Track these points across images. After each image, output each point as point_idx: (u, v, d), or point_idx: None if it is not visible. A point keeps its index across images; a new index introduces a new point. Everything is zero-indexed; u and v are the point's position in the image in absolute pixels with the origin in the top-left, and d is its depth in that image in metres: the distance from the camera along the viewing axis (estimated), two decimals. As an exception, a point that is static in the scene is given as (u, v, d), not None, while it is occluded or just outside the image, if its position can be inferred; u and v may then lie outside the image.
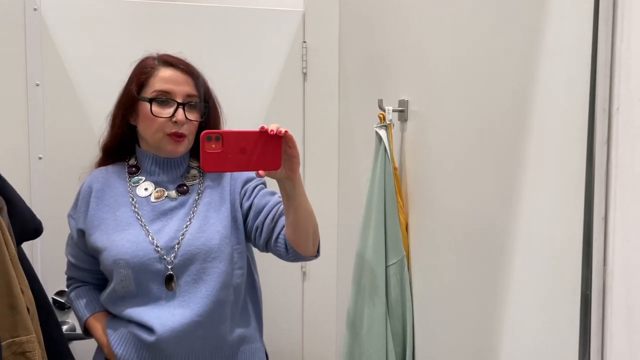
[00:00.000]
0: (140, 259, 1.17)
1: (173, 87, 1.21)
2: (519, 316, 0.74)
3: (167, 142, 1.21)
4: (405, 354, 1.10)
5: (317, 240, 1.20)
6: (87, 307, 1.30)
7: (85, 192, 1.28)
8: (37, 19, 1.57)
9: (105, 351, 1.24)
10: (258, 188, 1.26)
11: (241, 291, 1.26)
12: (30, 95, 1.58)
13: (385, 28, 1.33)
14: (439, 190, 1.02)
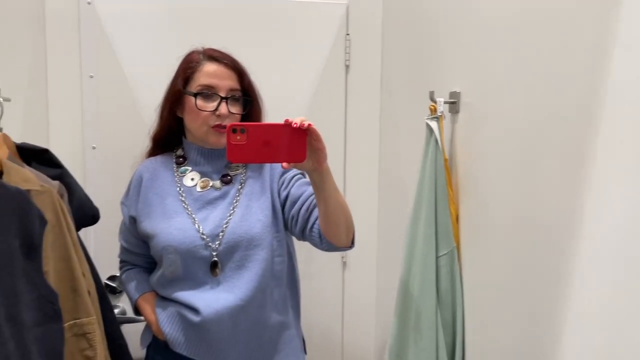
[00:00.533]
0: (187, 246, 1.23)
1: (217, 82, 1.26)
2: (585, 310, 0.75)
3: (211, 134, 1.26)
4: (455, 344, 1.12)
5: (351, 232, 1.23)
6: (137, 288, 1.37)
7: (137, 181, 1.35)
8: (91, 12, 1.62)
9: (153, 329, 1.31)
10: (295, 178, 1.30)
11: (281, 278, 1.30)
12: (85, 87, 1.64)
13: (434, 19, 1.34)
14: (491, 182, 1.03)
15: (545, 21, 0.84)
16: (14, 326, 1.01)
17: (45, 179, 1.22)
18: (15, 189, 1.03)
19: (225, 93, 1.26)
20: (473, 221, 1.10)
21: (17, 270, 1.02)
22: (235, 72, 1.28)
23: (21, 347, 1.01)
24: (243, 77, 1.29)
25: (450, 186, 1.15)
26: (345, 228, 1.19)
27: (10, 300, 1.00)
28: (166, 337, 1.27)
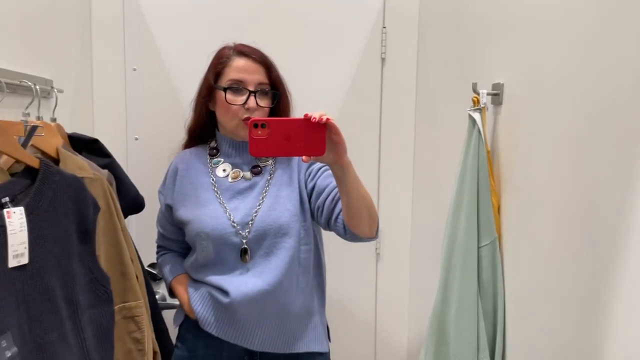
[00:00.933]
0: (218, 233, 1.28)
1: (246, 76, 1.30)
2: (635, 311, 0.75)
3: (241, 127, 1.31)
4: (496, 333, 1.13)
5: (375, 222, 1.26)
6: (172, 270, 1.43)
7: (172, 171, 1.41)
8: (135, 8, 1.67)
9: (185, 308, 1.37)
10: (322, 170, 1.33)
11: (308, 266, 1.34)
12: (128, 80, 1.69)
13: (475, 10, 1.34)
14: (535, 174, 1.03)
15: (596, 10, 0.84)
16: (71, 307, 1.05)
17: (96, 167, 1.27)
18: (72, 176, 1.07)
19: (253, 87, 1.30)
20: (515, 212, 1.11)
21: (73, 255, 1.06)
22: (263, 66, 1.32)
23: (77, 327, 1.06)
24: (271, 71, 1.33)
25: (492, 177, 1.16)
26: (368, 219, 1.22)
27: (67, 283, 1.05)
28: (197, 316, 1.33)
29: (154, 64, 1.69)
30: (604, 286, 0.81)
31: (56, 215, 1.02)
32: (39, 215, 0.98)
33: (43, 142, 1.09)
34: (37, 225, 0.98)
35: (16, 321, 0.92)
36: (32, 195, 0.98)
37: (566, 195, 0.93)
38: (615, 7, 0.79)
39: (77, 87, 1.58)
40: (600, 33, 0.83)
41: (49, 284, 0.99)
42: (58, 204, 1.03)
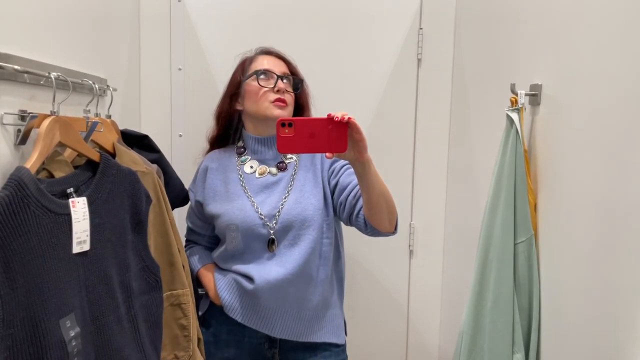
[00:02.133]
0: (247, 224, 1.37)
1: (272, 66, 1.42)
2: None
3: (273, 108, 1.40)
4: (531, 327, 1.16)
5: (394, 218, 1.32)
6: (199, 260, 1.51)
7: (202, 170, 1.50)
8: (181, 9, 1.74)
9: (211, 294, 1.45)
10: (345, 168, 1.41)
11: (328, 259, 1.41)
12: (174, 79, 1.76)
13: (512, 11, 1.36)
14: (572, 172, 1.05)
15: (636, 11, 0.86)
16: (125, 292, 1.12)
17: (147, 162, 1.33)
18: (127, 170, 1.14)
19: (280, 73, 1.42)
20: (552, 211, 1.13)
21: (128, 243, 1.13)
22: (284, 61, 1.46)
23: (130, 312, 1.13)
24: (290, 65, 1.47)
25: (529, 176, 1.19)
26: (388, 214, 1.29)
27: (122, 270, 1.12)
28: (223, 302, 1.40)
29: (198, 64, 1.76)
30: (638, 285, 0.83)
31: (114, 206, 1.09)
32: (99, 206, 1.05)
33: (101, 137, 1.16)
34: (97, 214, 1.05)
35: (79, 303, 0.99)
36: (93, 187, 1.05)
37: (600, 195, 0.95)
38: (656, 11, 0.81)
39: (127, 85, 1.65)
40: (636, 36, 0.85)
41: (107, 270, 1.06)
42: (115, 195, 1.10)
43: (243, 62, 1.48)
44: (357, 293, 1.89)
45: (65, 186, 0.99)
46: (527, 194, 1.16)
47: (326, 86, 1.78)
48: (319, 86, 1.54)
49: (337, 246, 1.46)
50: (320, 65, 1.79)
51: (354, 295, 1.89)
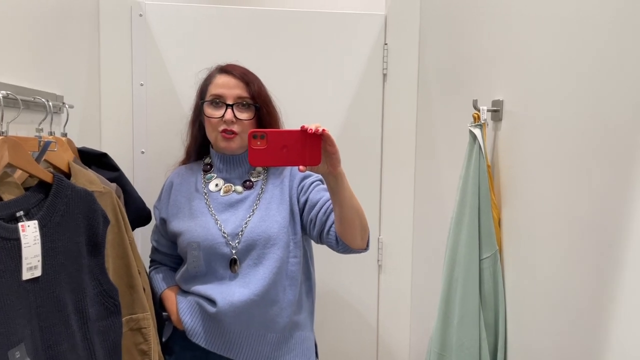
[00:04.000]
0: (209, 242, 1.32)
1: (225, 91, 1.36)
2: (633, 314, 0.78)
3: (220, 139, 1.36)
4: (497, 344, 1.15)
5: (366, 234, 1.29)
6: (163, 281, 1.45)
7: (168, 186, 1.46)
8: (143, 24, 1.71)
9: (173, 319, 1.39)
10: (314, 184, 1.38)
11: (296, 278, 1.36)
12: (135, 95, 1.72)
13: (474, 28, 1.38)
14: (534, 187, 1.06)
15: (594, 29, 0.88)
16: (81, 319, 1.07)
17: (105, 181, 1.29)
18: (83, 190, 1.10)
19: (232, 101, 1.35)
20: (515, 225, 1.14)
21: (83, 267, 1.09)
22: (242, 81, 1.37)
23: (86, 339, 1.08)
24: (250, 85, 1.37)
25: (493, 191, 1.19)
26: (360, 230, 1.26)
27: (78, 295, 1.07)
28: (185, 326, 1.34)
29: (161, 79, 1.73)
30: (602, 297, 0.84)
31: (68, 229, 1.05)
32: (51, 229, 1.01)
33: (55, 156, 1.12)
34: (50, 238, 1.00)
35: (29, 332, 0.94)
36: (45, 209, 1.00)
37: (563, 208, 0.96)
38: (611, 29, 0.83)
39: (86, 102, 1.61)
40: (597, 53, 0.86)
41: (61, 296, 1.01)
42: (70, 217, 1.06)
43: (203, 82, 1.43)
44: (326, 309, 1.87)
45: (14, 209, 0.95)
46: (491, 210, 1.17)
47: (293, 102, 1.75)
48: (286, 102, 1.52)
49: (306, 265, 1.42)
50: (286, 81, 1.78)
51: (323, 312, 1.87)
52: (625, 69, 0.78)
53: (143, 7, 1.71)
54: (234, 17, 1.77)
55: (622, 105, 0.79)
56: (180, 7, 1.74)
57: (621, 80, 0.80)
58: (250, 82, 1.37)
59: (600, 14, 0.85)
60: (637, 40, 0.76)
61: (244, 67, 1.41)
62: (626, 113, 0.78)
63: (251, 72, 1.40)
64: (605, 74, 0.84)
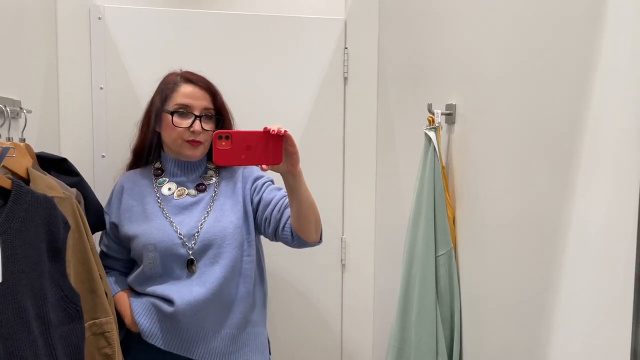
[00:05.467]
0: (166, 244, 1.35)
1: (192, 102, 1.38)
2: (572, 304, 0.84)
3: (186, 147, 1.39)
4: (453, 337, 1.21)
5: (319, 228, 1.37)
6: (115, 284, 1.45)
7: (118, 190, 1.46)
8: (101, 27, 1.69)
9: (126, 322, 1.38)
10: (266, 184, 1.43)
11: (250, 277, 1.41)
12: (95, 98, 1.70)
13: (429, 35, 1.43)
14: (485, 187, 1.12)
15: (534, 38, 0.93)
16: (42, 325, 1.07)
17: (65, 186, 1.28)
18: (43, 196, 1.09)
19: (199, 112, 1.39)
20: (469, 223, 1.19)
21: (44, 273, 1.08)
22: (209, 93, 1.41)
23: (48, 344, 1.08)
24: (216, 97, 1.42)
25: (448, 191, 1.25)
26: (315, 224, 1.33)
27: (38, 301, 1.06)
28: (140, 328, 1.35)
29: (121, 82, 1.71)
30: (544, 289, 0.90)
31: (28, 235, 1.04)
32: (11, 235, 1.00)
33: (14, 162, 1.11)
34: (10, 244, 0.99)
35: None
36: (4, 216, 1.00)
37: (510, 206, 1.01)
38: (545, 40, 0.89)
39: (44, 106, 1.58)
40: (537, 61, 0.92)
41: (22, 302, 1.01)
42: (30, 223, 1.05)
43: (164, 87, 1.42)
44: (291, 308, 1.90)
45: (-29, 217, 0.93)
46: (446, 209, 1.22)
47: (255, 105, 1.79)
48: (248, 105, 1.54)
49: (259, 263, 1.47)
50: (248, 84, 1.80)
51: (287, 311, 1.89)
52: (562, 78, 0.84)
53: (102, 10, 1.70)
54: (194, 20, 1.77)
55: (559, 111, 0.85)
56: (140, 11, 1.73)
57: (558, 87, 0.85)
58: (215, 94, 1.42)
59: (542, 26, 0.91)
60: (571, 52, 0.82)
61: (204, 76, 1.43)
62: (562, 118, 0.84)
63: (211, 82, 1.44)
64: (543, 82, 0.90)
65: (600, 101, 0.76)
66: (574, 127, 0.81)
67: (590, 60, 0.77)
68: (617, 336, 0.70)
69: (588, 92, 0.78)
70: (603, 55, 0.75)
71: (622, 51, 0.71)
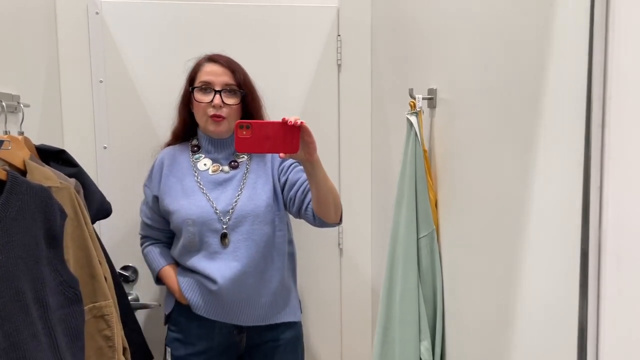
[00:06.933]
0: (203, 219, 1.47)
1: (213, 78, 1.48)
2: (533, 273, 0.86)
3: (209, 123, 1.49)
4: (436, 315, 1.24)
5: (339, 210, 1.48)
6: (161, 257, 1.59)
7: (158, 166, 1.57)
8: (99, 22, 1.74)
9: (176, 295, 1.53)
10: (293, 166, 1.53)
11: (282, 249, 1.54)
12: (95, 91, 1.76)
13: (415, 22, 1.45)
14: (464, 170, 1.14)
15: (499, 29, 0.95)
16: (41, 308, 1.13)
17: (63, 177, 1.34)
18: (38, 186, 1.15)
19: (220, 87, 1.48)
20: (449, 205, 1.22)
21: (42, 259, 1.14)
22: (229, 69, 1.50)
23: (47, 326, 1.14)
24: (236, 73, 1.51)
25: (430, 175, 1.27)
26: (334, 207, 1.45)
27: (37, 286, 1.12)
28: (190, 302, 1.50)
29: (119, 75, 1.77)
30: (511, 266, 0.92)
31: (24, 223, 1.10)
32: (7, 224, 1.06)
33: (10, 155, 1.16)
34: (6, 232, 1.05)
35: (-11, 321, 0.99)
36: (0, 205, 1.05)
37: (484, 189, 1.04)
38: (508, 31, 0.90)
39: (46, 100, 1.64)
40: (505, 49, 0.94)
41: (19, 287, 1.07)
42: (26, 212, 1.11)
43: (192, 70, 1.54)
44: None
45: (-32, 206, 0.99)
46: (428, 192, 1.24)
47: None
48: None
49: (289, 236, 1.60)
50: (245, 72, 1.83)
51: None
52: (519, 65, 0.86)
53: (99, 5, 1.74)
54: (189, 12, 1.81)
55: (519, 97, 0.87)
56: (136, 4, 1.78)
57: (519, 75, 0.87)
58: (236, 71, 1.51)
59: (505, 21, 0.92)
60: (525, 42, 0.83)
61: (229, 56, 1.53)
62: (522, 103, 0.86)
63: (235, 61, 1.53)
64: (510, 68, 0.91)
65: (553, 91, 0.78)
66: (533, 113, 0.83)
67: (544, 49, 0.79)
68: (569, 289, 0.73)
69: (544, 79, 0.80)
70: (555, 39, 0.76)
71: (569, 46, 0.72)
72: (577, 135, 0.70)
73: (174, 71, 1.61)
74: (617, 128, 0.66)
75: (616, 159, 0.66)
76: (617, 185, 0.66)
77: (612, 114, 0.66)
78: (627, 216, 0.65)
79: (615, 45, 0.65)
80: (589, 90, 0.68)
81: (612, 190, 0.67)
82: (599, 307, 0.69)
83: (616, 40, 0.65)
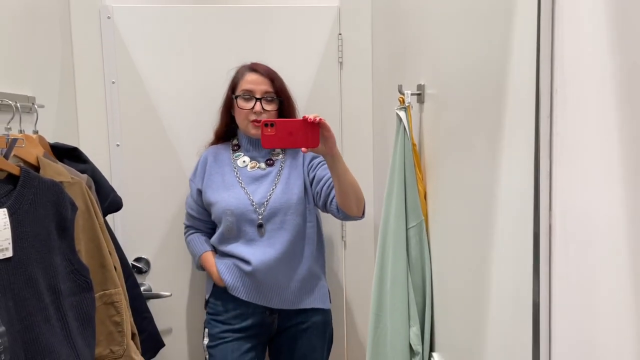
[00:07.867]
0: (241, 210, 1.64)
1: (254, 87, 1.65)
2: (500, 258, 0.91)
3: (251, 127, 1.65)
4: (425, 303, 1.28)
5: (361, 205, 1.60)
6: (200, 247, 1.75)
7: (203, 162, 1.74)
8: (111, 26, 1.83)
9: (214, 278, 1.70)
10: (321, 163, 1.67)
11: (312, 239, 1.68)
12: (108, 92, 1.86)
13: (407, 21, 1.49)
14: (448, 162, 1.18)
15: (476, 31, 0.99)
16: (53, 294, 1.22)
17: (76, 172, 1.43)
18: (50, 181, 1.24)
19: (260, 95, 1.64)
20: (437, 197, 1.26)
21: (54, 249, 1.23)
22: (268, 79, 1.66)
23: (59, 311, 1.23)
24: (274, 82, 1.66)
25: (419, 168, 1.31)
26: (356, 201, 1.56)
27: (49, 273, 1.21)
28: (226, 284, 1.65)
29: (131, 77, 1.85)
30: (487, 251, 0.97)
31: (37, 215, 1.19)
32: (20, 215, 1.15)
33: (24, 152, 1.26)
34: (20, 223, 1.14)
35: (4, 305, 1.08)
36: (14, 198, 1.15)
37: (465, 180, 1.08)
38: (485, 36, 0.95)
39: (61, 100, 1.74)
40: (480, 46, 0.98)
41: (32, 274, 1.16)
42: (38, 205, 1.20)
43: (234, 77, 1.70)
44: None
45: (-16, 199, 1.08)
46: (417, 184, 1.29)
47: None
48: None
49: (318, 227, 1.74)
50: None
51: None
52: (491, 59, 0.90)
53: (111, 10, 1.84)
54: (197, 15, 1.89)
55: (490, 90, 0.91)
56: (146, 9, 1.86)
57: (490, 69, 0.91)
58: (275, 79, 1.67)
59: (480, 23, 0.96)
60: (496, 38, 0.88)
61: (268, 66, 1.68)
62: (493, 95, 0.91)
63: (274, 70, 1.68)
64: (482, 65, 0.95)
65: (515, 86, 0.82)
66: (500, 107, 0.87)
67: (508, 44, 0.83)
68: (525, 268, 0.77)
69: (509, 74, 0.84)
70: (515, 49, 0.80)
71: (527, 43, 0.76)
72: (529, 126, 0.75)
73: (182, 72, 1.70)
74: (563, 119, 0.70)
75: (562, 147, 0.70)
76: (564, 172, 0.70)
77: (559, 106, 0.71)
78: (573, 201, 0.69)
79: (559, 39, 0.70)
80: (537, 83, 0.72)
81: (560, 177, 0.71)
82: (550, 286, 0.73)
83: (561, 33, 0.69)
